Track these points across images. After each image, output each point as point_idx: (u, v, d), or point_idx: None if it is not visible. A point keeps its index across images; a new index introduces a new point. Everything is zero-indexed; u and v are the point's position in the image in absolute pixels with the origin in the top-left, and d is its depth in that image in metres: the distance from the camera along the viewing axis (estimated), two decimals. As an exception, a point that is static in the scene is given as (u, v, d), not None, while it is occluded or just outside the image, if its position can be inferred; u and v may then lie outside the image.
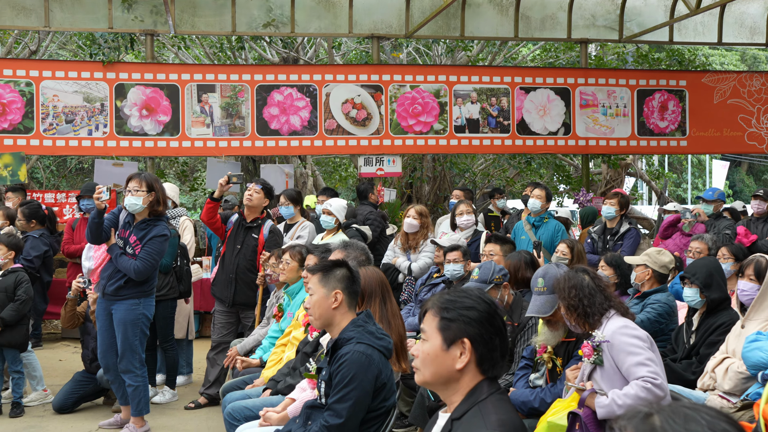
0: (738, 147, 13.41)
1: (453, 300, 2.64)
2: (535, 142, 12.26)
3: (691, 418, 1.45)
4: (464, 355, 2.59)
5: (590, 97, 12.41)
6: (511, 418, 2.53)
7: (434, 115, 11.91)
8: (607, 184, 15.84)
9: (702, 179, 37.91)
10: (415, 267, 7.85)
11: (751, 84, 12.83)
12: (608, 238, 8.42)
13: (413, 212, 8.02)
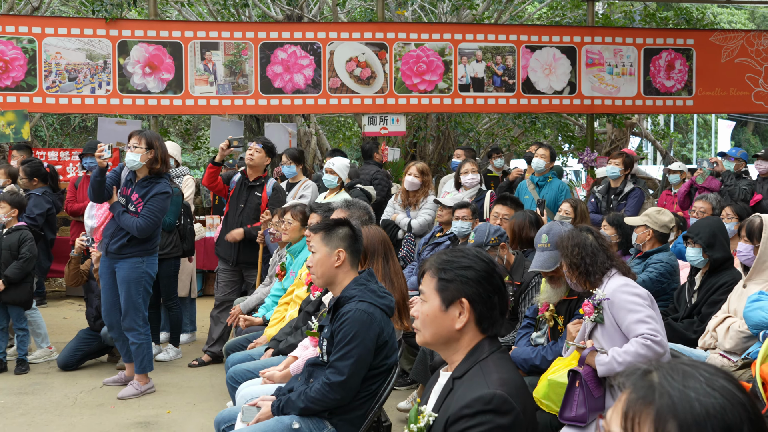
0: (744, 107, 13.30)
1: (450, 260, 2.63)
2: (540, 101, 12.18)
3: (690, 375, 1.44)
4: (463, 314, 2.59)
5: (596, 56, 12.30)
6: (513, 376, 2.53)
7: (439, 74, 11.82)
8: (611, 144, 15.78)
9: (707, 139, 37.72)
10: (415, 224, 7.86)
11: (760, 43, 12.69)
12: (612, 197, 8.40)
13: (414, 170, 8.01)
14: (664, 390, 1.42)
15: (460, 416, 2.41)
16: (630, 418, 1.42)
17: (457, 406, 2.43)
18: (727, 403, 1.39)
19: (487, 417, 2.37)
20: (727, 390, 1.41)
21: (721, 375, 1.45)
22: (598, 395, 3.93)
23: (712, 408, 1.38)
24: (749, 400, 1.43)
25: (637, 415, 1.42)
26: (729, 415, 1.38)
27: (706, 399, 1.39)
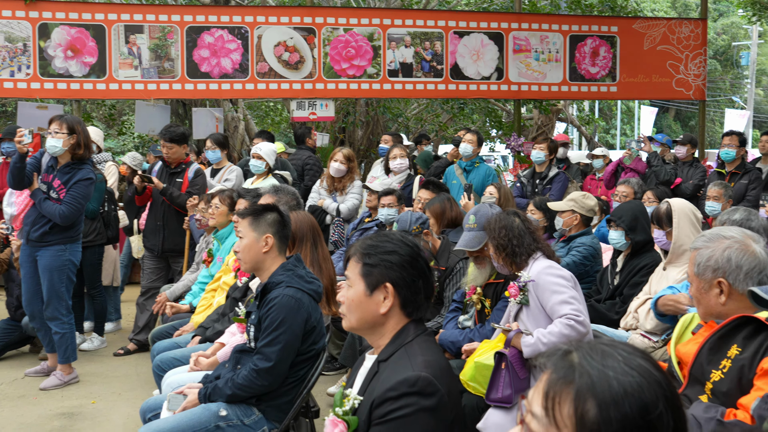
0: (666, 93, 13.59)
1: (374, 245, 2.64)
2: (468, 86, 12.24)
3: (608, 354, 1.48)
4: (387, 299, 2.60)
5: (523, 42, 12.42)
6: (437, 359, 2.56)
7: (368, 59, 11.79)
8: (538, 129, 15.99)
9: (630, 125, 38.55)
10: (343, 208, 7.86)
11: (681, 31, 12.98)
12: (537, 182, 8.52)
13: (340, 156, 8.00)
14: (583, 370, 1.46)
15: (385, 399, 2.42)
16: (551, 397, 1.46)
17: (382, 389, 2.45)
18: (644, 381, 1.44)
19: (412, 399, 2.39)
20: (644, 369, 1.46)
21: (639, 354, 1.49)
22: (524, 376, 3.99)
23: (629, 386, 1.43)
24: (665, 378, 1.47)
25: (558, 394, 1.45)
26: (645, 393, 1.43)
27: (624, 378, 1.44)
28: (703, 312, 3.15)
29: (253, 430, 3.89)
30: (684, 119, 42.41)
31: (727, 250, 3.03)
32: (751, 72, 37.33)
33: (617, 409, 1.41)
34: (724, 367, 2.91)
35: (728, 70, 43.97)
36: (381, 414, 2.44)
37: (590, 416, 1.42)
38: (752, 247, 3.04)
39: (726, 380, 2.87)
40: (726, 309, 3.04)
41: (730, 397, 2.84)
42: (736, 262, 3.01)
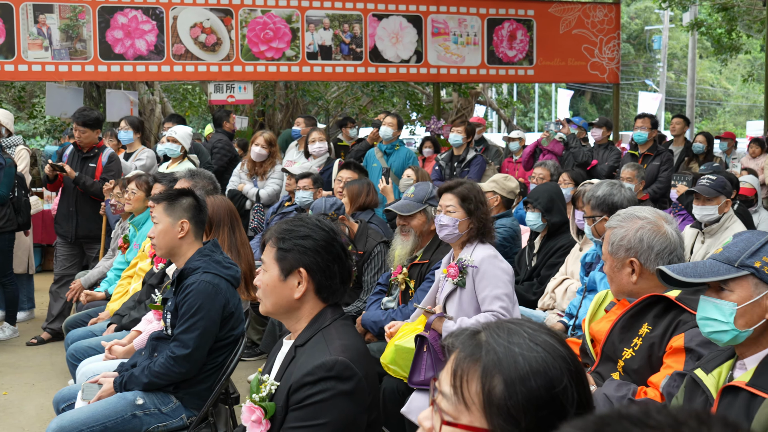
0: (581, 76, 13.86)
1: (289, 230, 2.62)
2: (387, 69, 12.25)
3: (514, 332, 1.52)
4: (302, 284, 2.59)
5: (442, 26, 12.48)
6: (355, 342, 2.55)
7: (286, 41, 11.69)
8: (458, 113, 16.12)
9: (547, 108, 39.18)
10: (263, 193, 7.79)
11: (595, 15, 13.23)
12: (455, 165, 8.58)
13: (261, 140, 7.91)
14: (490, 347, 1.49)
15: (303, 384, 2.41)
16: (458, 376, 1.48)
17: (300, 374, 2.44)
18: (549, 357, 1.48)
19: (329, 383, 2.39)
20: (549, 344, 1.50)
21: (544, 331, 1.54)
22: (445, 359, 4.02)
23: (534, 361, 1.46)
24: (570, 353, 1.52)
25: (465, 372, 1.48)
26: (550, 368, 1.47)
27: (530, 353, 1.47)
28: (616, 290, 3.22)
29: (170, 418, 3.83)
30: (599, 102, 43.30)
31: (640, 230, 3.10)
32: (662, 56, 38.31)
33: (523, 383, 1.44)
34: (635, 345, 2.98)
35: (641, 54, 45.04)
36: (298, 399, 2.43)
37: (497, 392, 1.45)
38: (664, 228, 3.12)
39: (637, 358, 2.95)
40: (637, 288, 3.11)
41: (640, 374, 2.91)
42: (647, 242, 3.08)
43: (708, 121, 45.56)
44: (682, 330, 2.86)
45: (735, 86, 44.08)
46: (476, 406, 1.46)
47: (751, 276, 2.42)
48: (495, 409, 1.44)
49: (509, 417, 1.43)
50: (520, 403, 1.43)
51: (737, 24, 18.78)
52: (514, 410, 1.43)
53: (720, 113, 47.60)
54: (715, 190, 5.42)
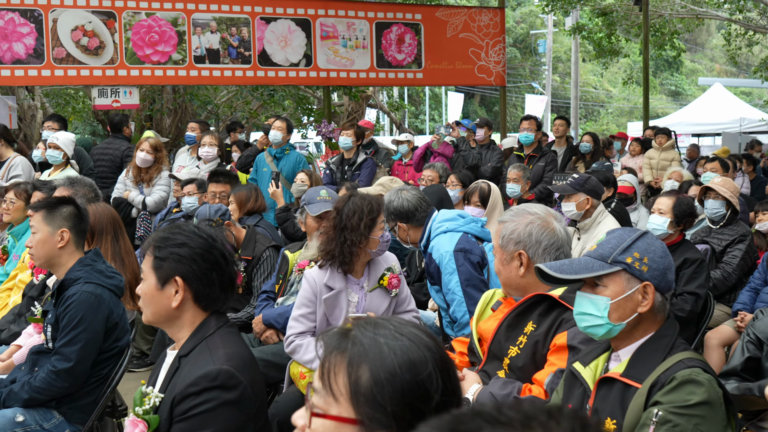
0: (469, 79, 14.07)
1: (165, 237, 2.58)
2: (276, 73, 12.16)
3: (381, 325, 1.56)
4: (179, 293, 2.55)
5: (330, 29, 12.48)
6: (240, 350, 2.53)
7: (172, 45, 11.46)
8: (349, 116, 16.15)
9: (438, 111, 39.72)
10: (149, 201, 7.61)
11: (481, 19, 13.46)
12: (346, 168, 8.60)
13: (147, 145, 7.73)
14: (356, 339, 1.53)
15: (186, 394, 2.38)
16: (326, 369, 1.51)
17: (183, 385, 2.40)
18: (413, 345, 1.52)
19: (214, 393, 2.36)
20: (414, 334, 1.55)
21: (411, 324, 1.59)
22: None
23: (399, 350, 1.51)
24: (435, 344, 1.56)
25: (333, 365, 1.52)
26: (413, 353, 1.51)
27: (394, 342, 1.52)
28: (504, 282, 3.29)
29: (53, 435, 3.70)
30: (488, 105, 44.19)
31: (530, 225, 3.19)
32: (548, 59, 39.37)
33: (387, 370, 1.48)
34: (520, 343, 3.05)
35: (527, 58, 46.20)
36: (182, 410, 2.39)
37: (363, 381, 1.49)
38: (553, 224, 3.21)
39: (522, 355, 3.02)
40: (525, 281, 3.19)
41: (525, 372, 2.99)
42: (536, 237, 3.17)
43: (592, 122, 47.09)
44: (565, 328, 2.95)
45: (617, 89, 45.69)
46: (344, 397, 1.50)
47: (623, 271, 2.52)
48: (362, 398, 1.48)
49: (376, 404, 1.47)
50: (385, 390, 1.47)
51: (617, 28, 19.46)
52: (380, 397, 1.47)
53: (603, 115, 49.26)
54: (573, 188, 5.58)
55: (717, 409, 2.38)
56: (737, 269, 6.00)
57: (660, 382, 2.41)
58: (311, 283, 4.08)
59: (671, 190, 6.18)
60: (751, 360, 3.57)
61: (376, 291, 4.21)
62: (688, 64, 51.42)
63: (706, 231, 6.35)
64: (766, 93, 24.28)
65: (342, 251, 4.03)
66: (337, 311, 4.08)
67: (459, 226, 4.54)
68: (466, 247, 4.41)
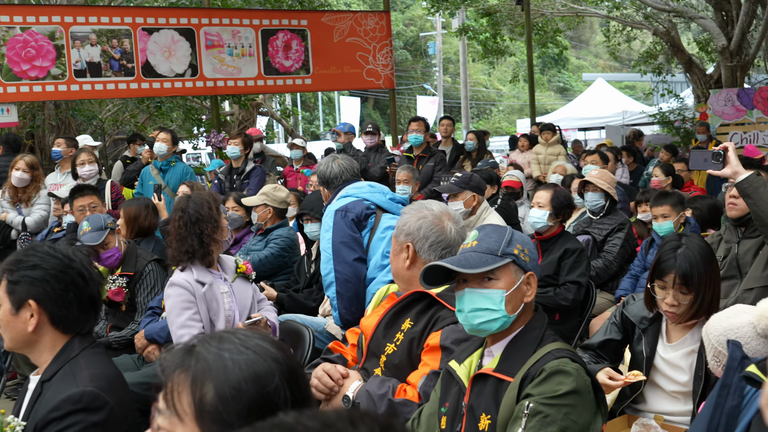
0: (358, 83, 14.13)
1: (18, 260, 2.48)
2: (162, 84, 11.94)
3: (226, 339, 1.53)
4: (33, 317, 2.46)
5: (215, 38, 12.32)
6: (106, 370, 2.45)
7: (51, 59, 11.10)
8: (240, 125, 15.99)
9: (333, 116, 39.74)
10: (29, 221, 7.36)
11: (367, 23, 13.53)
12: (235, 177, 8.51)
13: (22, 164, 7.45)
14: (200, 356, 1.49)
15: (49, 420, 2.29)
16: (170, 388, 1.47)
17: (45, 410, 2.31)
18: (258, 358, 1.49)
19: (78, 417, 2.28)
20: (259, 347, 1.51)
21: (257, 336, 1.55)
22: None
23: (244, 364, 1.47)
24: (283, 355, 1.53)
25: (176, 384, 1.48)
26: (259, 366, 1.48)
27: (239, 356, 1.48)
28: (393, 272, 3.35)
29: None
30: (383, 107, 44.43)
31: (421, 219, 3.22)
32: (438, 60, 39.90)
33: (231, 386, 1.45)
34: (397, 340, 3.06)
35: (418, 60, 46.70)
36: (46, 437, 2.29)
37: (208, 398, 1.45)
38: (445, 223, 3.24)
39: (398, 353, 3.03)
40: (410, 274, 3.21)
41: (401, 369, 3.00)
42: (424, 232, 3.21)
43: (485, 121, 47.97)
44: (440, 326, 2.97)
45: (506, 87, 46.65)
46: (189, 417, 1.45)
47: (512, 263, 2.56)
48: (207, 416, 1.44)
49: (222, 422, 1.43)
50: (231, 407, 1.44)
51: (501, 28, 19.85)
52: (226, 414, 1.43)
53: (495, 113, 50.22)
54: (458, 186, 5.65)
55: (586, 397, 2.44)
56: (618, 257, 6.19)
57: (530, 374, 2.46)
58: (184, 285, 4.03)
59: (549, 184, 6.34)
60: (610, 342, 3.68)
61: (237, 280, 4.27)
62: (573, 60, 52.92)
63: (587, 222, 6.54)
64: (647, 86, 25.18)
65: (201, 243, 4.06)
66: (215, 305, 4.08)
67: (361, 193, 4.61)
68: (348, 207, 4.50)
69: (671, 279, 3.34)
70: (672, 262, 3.35)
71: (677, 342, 3.43)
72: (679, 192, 6.86)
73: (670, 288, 3.35)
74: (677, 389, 3.41)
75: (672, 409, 3.42)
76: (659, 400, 3.47)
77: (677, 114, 17.90)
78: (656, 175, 8.78)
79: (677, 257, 3.35)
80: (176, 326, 4.03)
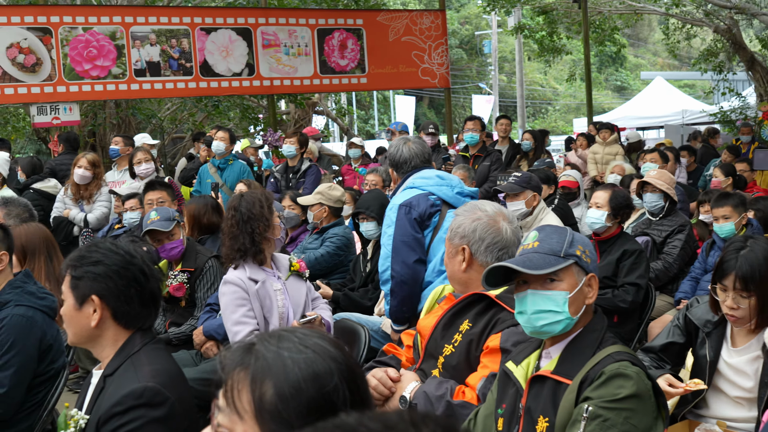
0: (413, 82, 14.10)
1: (81, 256, 2.53)
2: (219, 83, 12.07)
3: (285, 338, 1.53)
4: (96, 312, 2.50)
5: (272, 37, 12.42)
6: (166, 366, 2.49)
7: (111, 59, 11.30)
8: (296, 124, 16.09)
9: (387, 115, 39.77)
10: (91, 218, 7.49)
11: (422, 22, 13.50)
12: (290, 176, 8.56)
13: (85, 162, 7.60)
14: (259, 354, 1.49)
15: (112, 414, 2.33)
16: (230, 387, 1.48)
17: (108, 404, 2.36)
18: (317, 357, 1.49)
19: (140, 412, 2.31)
20: (319, 346, 1.51)
21: (316, 335, 1.54)
22: None
23: (303, 363, 1.47)
24: (342, 354, 1.52)
25: (236, 382, 1.48)
26: (318, 366, 1.48)
27: (298, 355, 1.48)
28: (449, 275, 3.31)
29: (-11, 463, 3.61)
30: (437, 107, 44.35)
31: (476, 221, 3.19)
32: (493, 59, 39.70)
33: (292, 386, 1.45)
34: (455, 342, 3.04)
35: (474, 59, 46.48)
36: (108, 431, 2.33)
37: (267, 397, 1.45)
38: (500, 224, 3.21)
39: (456, 354, 3.01)
40: (466, 276, 3.19)
41: (459, 370, 2.98)
42: (480, 233, 3.18)
43: (541, 120, 47.56)
44: (500, 328, 2.94)
45: (562, 86, 46.20)
46: (249, 415, 1.46)
47: (574, 264, 2.53)
48: (267, 414, 1.44)
49: (282, 420, 1.44)
50: (290, 406, 1.44)
51: (558, 26, 19.65)
52: (285, 413, 1.44)
53: (551, 112, 49.77)
54: (519, 186, 5.62)
55: (646, 401, 2.40)
56: (678, 259, 6.08)
57: (590, 377, 2.42)
58: (237, 283, 4.07)
59: (607, 184, 6.25)
60: (673, 345, 3.62)
61: (291, 278, 4.29)
62: (631, 59, 52.19)
63: (646, 223, 6.43)
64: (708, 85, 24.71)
65: (253, 241, 4.09)
66: (268, 302, 4.11)
67: (428, 185, 4.43)
68: (413, 203, 4.34)
69: (731, 281, 3.27)
70: (733, 264, 3.28)
71: (742, 347, 3.35)
72: (740, 193, 6.71)
73: (730, 290, 3.28)
74: (741, 395, 3.33)
75: (735, 415, 3.35)
76: (722, 405, 3.40)
77: (739, 113, 17.51)
78: (716, 176, 8.61)
79: (738, 258, 3.28)
80: (231, 323, 4.06)
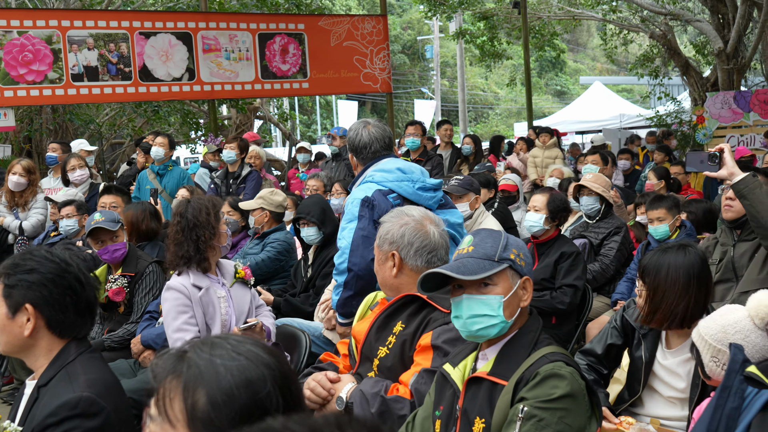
0: (355, 87, 14.12)
1: (16, 264, 2.48)
2: (159, 88, 11.93)
3: (218, 345, 1.52)
4: (30, 321, 2.45)
5: (212, 42, 12.33)
6: (102, 376, 2.46)
7: (48, 63, 11.11)
8: (237, 129, 15.98)
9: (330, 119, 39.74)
10: (27, 225, 7.35)
11: (364, 27, 13.53)
12: (231, 182, 8.51)
13: (19, 168, 7.46)
14: (192, 362, 1.49)
15: (46, 426, 2.29)
16: (162, 395, 1.46)
17: (42, 416, 2.31)
18: (250, 363, 1.49)
19: (75, 422, 2.28)
20: (252, 353, 1.51)
21: (249, 342, 1.55)
22: None
23: (235, 369, 1.47)
24: (276, 361, 1.53)
25: (168, 390, 1.47)
26: (251, 372, 1.48)
27: (231, 362, 1.48)
28: (380, 282, 3.34)
29: None
30: (380, 111, 44.44)
31: (404, 226, 3.22)
32: (435, 64, 39.93)
33: (223, 392, 1.45)
34: (389, 343, 3.07)
35: (416, 63, 46.72)
36: (42, 442, 2.30)
37: (200, 405, 1.44)
38: (427, 227, 3.24)
39: (390, 356, 3.04)
40: (398, 282, 3.22)
41: (393, 371, 3.01)
42: (408, 238, 3.20)
43: (482, 124, 47.97)
44: (432, 327, 2.98)
45: (504, 90, 46.68)
46: (181, 423, 1.45)
47: (509, 268, 2.57)
48: (199, 422, 1.44)
49: (214, 428, 1.43)
50: (223, 413, 1.44)
51: (498, 32, 19.87)
52: (217, 421, 1.43)
53: (492, 116, 50.24)
54: (463, 188, 5.71)
55: (580, 401, 2.45)
56: (614, 260, 6.20)
57: (525, 378, 2.46)
58: (180, 289, 4.04)
59: (545, 188, 6.35)
60: (611, 347, 3.70)
61: (236, 285, 4.28)
62: (571, 64, 52.97)
63: (583, 226, 6.55)
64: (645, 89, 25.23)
65: (198, 249, 4.07)
66: (211, 309, 4.08)
67: (388, 180, 4.17)
68: (375, 201, 4.05)
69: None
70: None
71: (676, 348, 3.44)
72: (674, 195, 6.86)
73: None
74: (674, 395, 3.42)
75: (669, 414, 3.43)
76: (656, 404, 3.48)
77: (674, 117, 17.93)
78: (650, 179, 8.80)
79: (654, 253, 3.39)
80: (172, 330, 4.03)
